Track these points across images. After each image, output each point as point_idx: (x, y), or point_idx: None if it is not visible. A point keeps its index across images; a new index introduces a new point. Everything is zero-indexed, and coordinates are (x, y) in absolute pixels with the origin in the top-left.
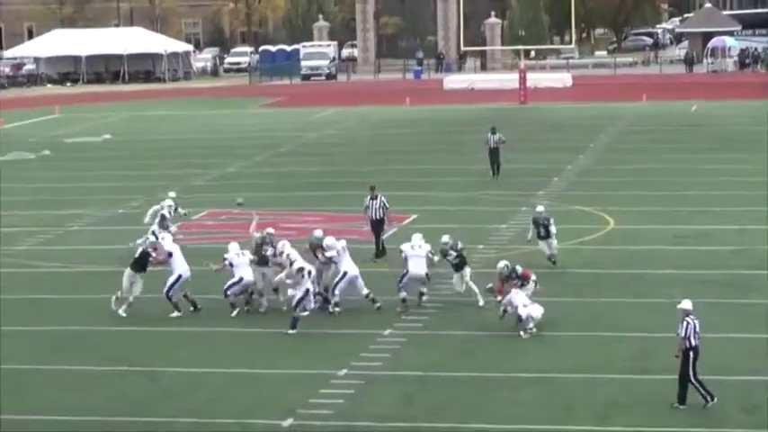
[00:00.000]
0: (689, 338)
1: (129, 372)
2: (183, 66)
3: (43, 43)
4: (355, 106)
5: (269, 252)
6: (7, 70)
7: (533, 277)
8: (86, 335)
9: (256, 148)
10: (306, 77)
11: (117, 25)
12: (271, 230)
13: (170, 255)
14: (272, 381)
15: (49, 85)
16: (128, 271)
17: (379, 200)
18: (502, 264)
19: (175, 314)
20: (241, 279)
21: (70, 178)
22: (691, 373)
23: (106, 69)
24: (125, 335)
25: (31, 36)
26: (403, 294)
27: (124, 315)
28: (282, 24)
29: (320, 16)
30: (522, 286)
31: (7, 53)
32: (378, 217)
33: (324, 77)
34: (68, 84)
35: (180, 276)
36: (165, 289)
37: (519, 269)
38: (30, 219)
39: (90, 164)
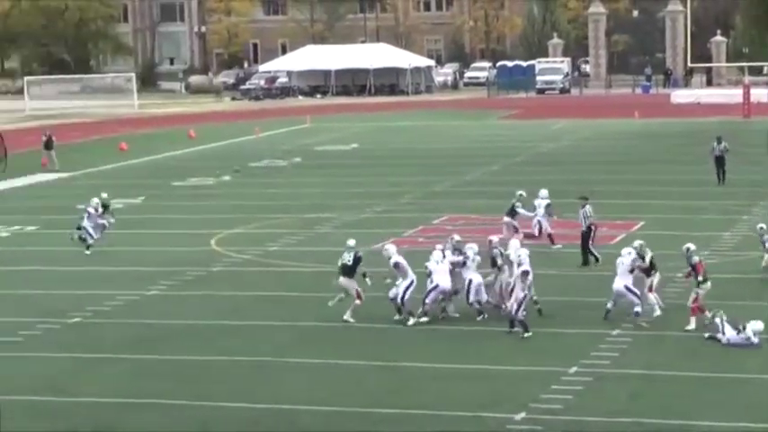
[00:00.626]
0: None
1: (369, 366)
2: (425, 80)
3: (296, 58)
4: (587, 119)
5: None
6: (262, 83)
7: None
8: (329, 331)
9: (494, 158)
10: (540, 91)
11: (364, 41)
12: (457, 237)
13: (396, 265)
14: (505, 377)
15: (300, 97)
16: (342, 279)
17: (585, 209)
18: (685, 247)
19: (412, 321)
20: (437, 285)
21: (319, 184)
22: None
23: (353, 83)
24: (364, 331)
25: (284, 51)
26: (608, 305)
27: (353, 320)
28: (519, 41)
29: (554, 34)
30: (701, 283)
31: (262, 67)
32: (586, 225)
33: (557, 91)
34: (318, 96)
35: (412, 282)
36: (399, 296)
37: (695, 259)
38: (281, 221)
39: (338, 170)
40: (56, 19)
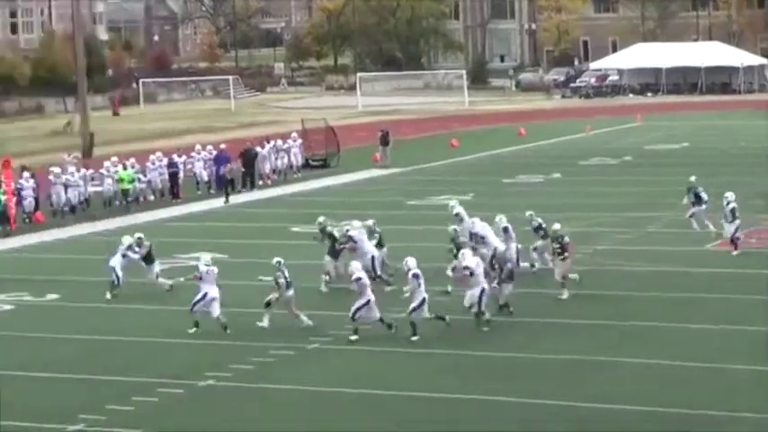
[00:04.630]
0: None
1: (695, 367)
2: (759, 78)
3: (626, 56)
4: None
5: None
6: (593, 81)
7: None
8: (653, 330)
9: None
10: None
11: (696, 40)
12: None
13: None
14: None
15: (630, 95)
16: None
17: None
18: None
19: None
20: None
21: (650, 182)
22: None
23: (684, 81)
24: (683, 332)
25: (614, 49)
26: None
27: None
28: None
29: None
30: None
31: (593, 65)
32: None
33: None
34: (649, 94)
35: None
36: None
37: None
38: (609, 220)
39: (667, 169)
40: (388, 16)
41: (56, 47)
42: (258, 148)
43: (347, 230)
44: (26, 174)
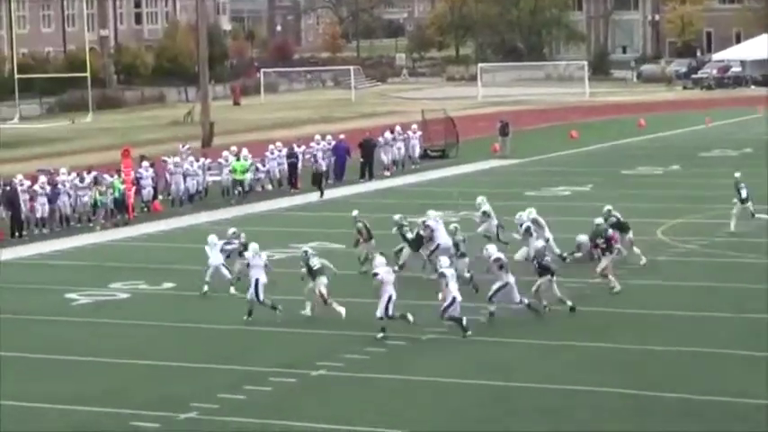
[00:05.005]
0: None
1: None
2: None
3: (749, 47)
4: None
5: None
6: (715, 72)
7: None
8: None
9: None
10: None
11: None
12: None
13: None
14: None
15: (752, 87)
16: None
17: None
18: None
19: None
20: None
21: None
22: None
23: None
24: None
25: (738, 40)
26: None
27: None
28: None
29: None
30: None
31: (716, 56)
32: None
33: None
34: None
35: None
36: None
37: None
38: (729, 212)
39: None
40: (510, 7)
41: (179, 37)
42: (380, 138)
43: (423, 220)
44: (145, 163)
